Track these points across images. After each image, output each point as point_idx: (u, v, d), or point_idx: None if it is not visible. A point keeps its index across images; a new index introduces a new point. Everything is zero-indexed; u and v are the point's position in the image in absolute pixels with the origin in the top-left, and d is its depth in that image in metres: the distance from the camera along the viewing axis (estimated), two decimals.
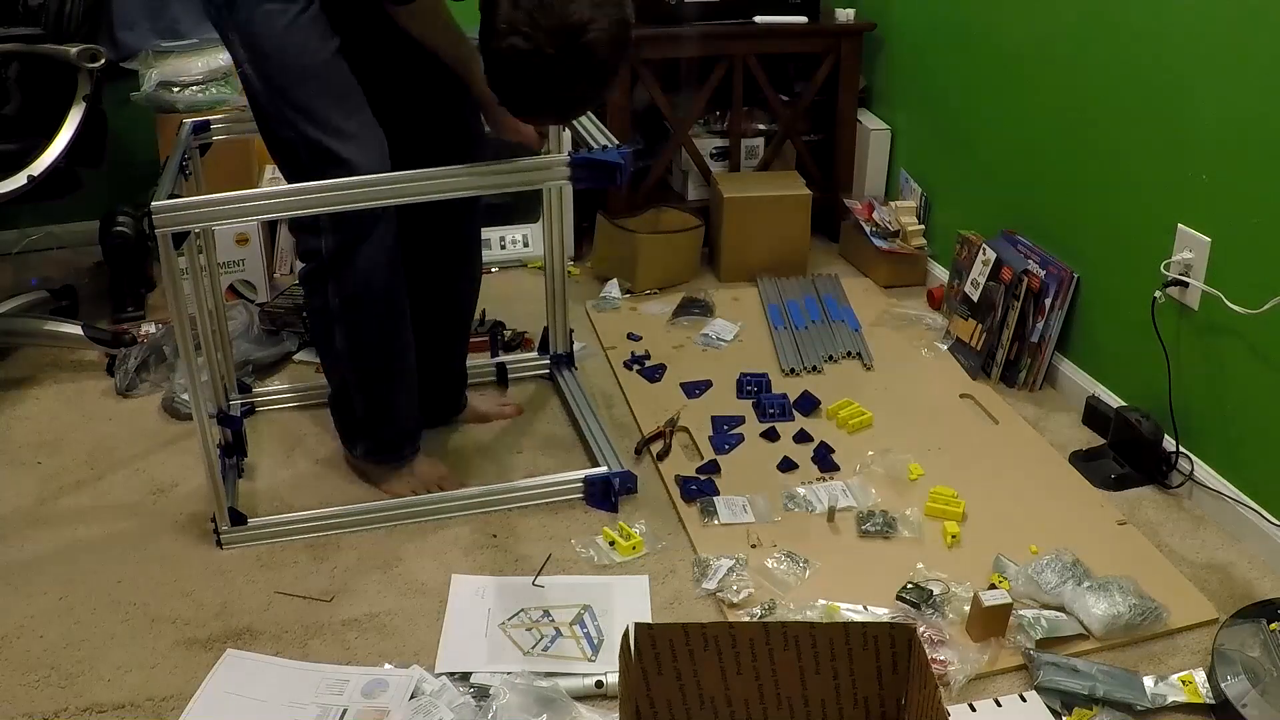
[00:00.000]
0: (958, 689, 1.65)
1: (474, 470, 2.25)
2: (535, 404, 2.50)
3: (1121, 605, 1.76)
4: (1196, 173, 2.08)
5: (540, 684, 1.64)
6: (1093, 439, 2.34)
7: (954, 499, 2.08)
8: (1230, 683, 1.61)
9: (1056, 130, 2.49)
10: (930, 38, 3.02)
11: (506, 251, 3.24)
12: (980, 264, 2.65)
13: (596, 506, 2.11)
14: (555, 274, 2.44)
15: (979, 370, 2.58)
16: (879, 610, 1.81)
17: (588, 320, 2.89)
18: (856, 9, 3.22)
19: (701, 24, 3.10)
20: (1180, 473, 2.16)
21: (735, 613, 1.82)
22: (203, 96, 3.03)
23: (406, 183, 1.80)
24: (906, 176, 3.18)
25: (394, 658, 1.74)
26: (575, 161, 1.85)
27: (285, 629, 1.80)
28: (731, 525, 2.05)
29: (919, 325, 2.83)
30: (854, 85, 3.24)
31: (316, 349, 2.23)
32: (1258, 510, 1.99)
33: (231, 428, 2.22)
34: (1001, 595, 1.74)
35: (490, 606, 1.85)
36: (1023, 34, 2.58)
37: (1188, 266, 2.11)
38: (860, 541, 2.01)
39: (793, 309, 2.89)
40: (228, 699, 1.65)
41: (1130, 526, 2.05)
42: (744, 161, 3.31)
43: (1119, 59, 2.26)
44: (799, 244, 3.11)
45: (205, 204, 1.76)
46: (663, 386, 2.56)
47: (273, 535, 2.02)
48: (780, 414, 2.42)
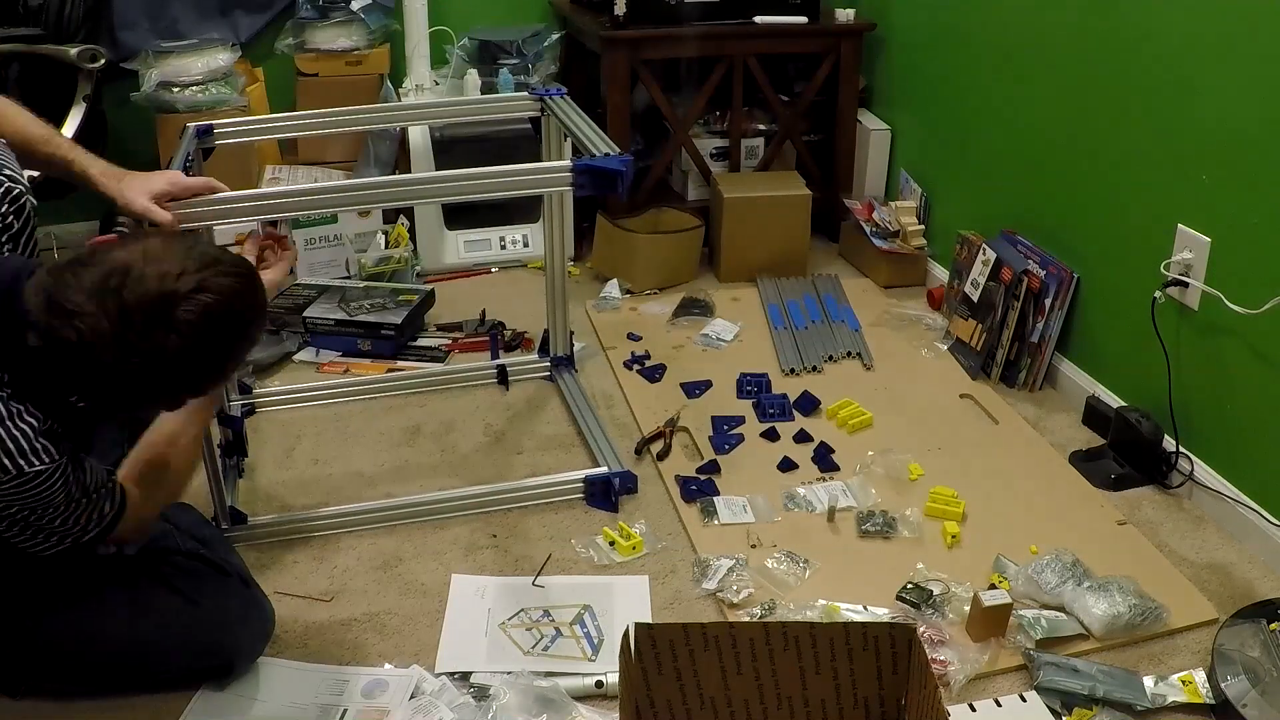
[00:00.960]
0: (958, 689, 1.65)
1: (474, 470, 2.25)
2: (536, 404, 2.50)
3: (1121, 605, 1.76)
4: (1196, 173, 2.08)
5: (540, 684, 1.64)
6: (1093, 439, 2.34)
7: (954, 499, 2.08)
8: (1230, 683, 1.61)
9: (1056, 130, 2.49)
10: (930, 38, 3.02)
11: (506, 251, 3.24)
12: (980, 264, 2.65)
13: (597, 506, 2.11)
14: (555, 275, 2.44)
15: (979, 370, 2.58)
16: (879, 610, 1.81)
17: (588, 320, 2.89)
18: (856, 9, 3.21)
19: (701, 24, 3.10)
20: (1180, 473, 2.15)
21: (735, 613, 1.82)
22: (203, 97, 3.03)
23: (406, 185, 1.81)
24: (906, 176, 3.18)
25: (394, 658, 1.74)
26: (577, 169, 1.85)
27: (285, 629, 1.79)
28: (731, 525, 2.05)
29: (919, 325, 2.83)
30: (854, 85, 3.24)
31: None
32: (1258, 510, 1.98)
33: (231, 427, 2.22)
34: (1001, 595, 1.74)
35: (490, 606, 1.85)
36: (1023, 34, 2.58)
37: (1188, 266, 2.11)
38: (860, 541, 2.01)
39: (793, 309, 2.89)
40: (228, 699, 1.65)
41: (1130, 526, 2.05)
42: (744, 161, 3.31)
43: (1119, 59, 2.26)
44: (799, 244, 3.11)
45: (205, 203, 1.76)
46: (663, 386, 2.56)
47: (273, 535, 2.02)
48: (780, 414, 2.42)
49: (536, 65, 3.33)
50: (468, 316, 2.88)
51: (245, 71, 3.23)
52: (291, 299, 2.81)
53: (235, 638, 1.67)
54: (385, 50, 3.35)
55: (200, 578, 1.68)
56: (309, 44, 3.26)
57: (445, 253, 3.20)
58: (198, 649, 1.64)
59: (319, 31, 3.25)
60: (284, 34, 3.28)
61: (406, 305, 2.78)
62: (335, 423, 2.42)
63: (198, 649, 1.64)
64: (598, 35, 3.06)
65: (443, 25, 3.38)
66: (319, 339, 2.73)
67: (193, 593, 1.64)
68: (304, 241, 3.05)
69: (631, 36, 3.03)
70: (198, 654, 1.64)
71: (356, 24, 3.26)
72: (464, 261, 3.21)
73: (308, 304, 2.78)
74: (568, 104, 2.25)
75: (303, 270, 3.06)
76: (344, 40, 3.26)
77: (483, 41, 3.35)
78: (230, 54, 3.10)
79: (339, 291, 2.85)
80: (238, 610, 1.67)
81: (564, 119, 2.16)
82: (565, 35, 3.44)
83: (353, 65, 3.28)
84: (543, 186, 1.96)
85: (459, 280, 3.16)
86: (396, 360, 2.69)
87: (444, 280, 3.13)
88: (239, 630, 1.67)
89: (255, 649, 1.71)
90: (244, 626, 1.68)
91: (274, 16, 3.36)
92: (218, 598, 1.66)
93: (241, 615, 1.67)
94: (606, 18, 3.07)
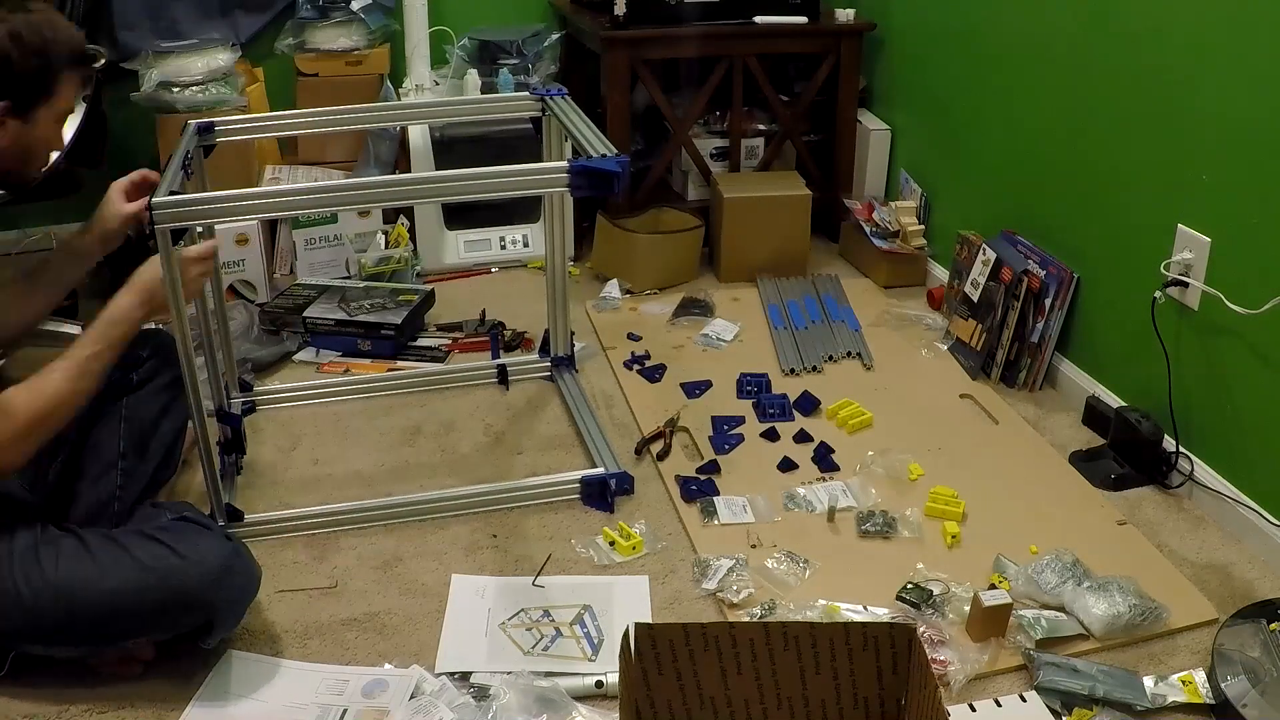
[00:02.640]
0: (958, 689, 1.65)
1: (474, 470, 2.25)
2: (536, 404, 2.50)
3: (1121, 605, 1.76)
4: (1196, 173, 2.08)
5: (540, 684, 1.63)
6: (1093, 439, 2.34)
7: (954, 499, 2.08)
8: (1230, 683, 1.61)
9: (1056, 130, 2.49)
10: (930, 38, 3.02)
11: (506, 251, 3.24)
12: (980, 264, 2.65)
13: (593, 507, 2.11)
14: (556, 276, 2.44)
15: (979, 370, 2.58)
16: (879, 610, 1.81)
17: (588, 320, 2.89)
18: (856, 9, 3.22)
19: (701, 24, 3.10)
20: (1180, 473, 2.15)
21: (735, 613, 1.82)
22: (203, 97, 3.03)
23: (406, 185, 1.80)
24: (906, 176, 3.18)
25: (394, 658, 1.74)
26: (574, 169, 1.85)
27: (285, 629, 1.80)
28: (731, 525, 2.05)
29: (919, 325, 2.83)
30: (854, 85, 3.24)
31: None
32: (1258, 510, 1.98)
33: (231, 425, 2.22)
34: (1001, 595, 1.74)
35: (490, 606, 1.85)
36: (1023, 34, 2.58)
37: (1188, 267, 2.11)
38: (860, 541, 2.01)
39: (793, 309, 2.89)
40: (228, 699, 1.65)
41: (1130, 526, 2.05)
42: (744, 162, 3.31)
43: (1119, 59, 2.26)
44: (799, 244, 3.11)
45: (204, 201, 1.76)
46: (663, 386, 2.56)
47: (271, 533, 2.02)
48: (780, 414, 2.42)
49: (536, 65, 3.33)
50: (468, 316, 2.88)
51: (245, 71, 3.23)
52: (291, 299, 2.81)
53: (219, 588, 1.65)
54: (385, 50, 3.35)
55: (183, 532, 1.67)
56: (309, 44, 3.26)
57: (445, 253, 3.20)
58: (180, 598, 1.62)
59: (319, 31, 3.25)
60: (284, 34, 3.28)
61: (406, 305, 2.78)
62: (335, 422, 2.42)
63: (180, 598, 1.62)
64: (598, 35, 3.06)
65: (443, 25, 3.38)
66: (319, 339, 2.73)
67: (175, 543, 1.64)
68: (304, 241, 3.05)
69: (631, 36, 3.03)
70: (180, 604, 1.62)
71: (356, 24, 3.27)
72: (464, 261, 3.21)
73: (308, 304, 2.78)
74: (568, 104, 2.25)
75: (303, 270, 3.06)
76: (344, 40, 3.26)
77: (483, 41, 3.35)
78: (230, 54, 3.10)
79: (339, 291, 2.85)
80: (221, 560, 1.65)
81: (563, 119, 2.16)
82: (565, 35, 3.44)
83: (353, 65, 3.29)
84: (540, 187, 1.97)
85: (459, 280, 3.16)
86: (396, 360, 2.69)
87: (444, 280, 3.13)
88: (223, 580, 1.65)
89: (239, 605, 1.69)
90: (228, 577, 1.66)
91: (274, 16, 3.36)
92: (200, 547, 1.65)
93: (226, 565, 1.65)
94: (606, 18, 3.07)
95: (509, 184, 1.93)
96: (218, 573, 1.64)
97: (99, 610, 1.60)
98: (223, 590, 1.66)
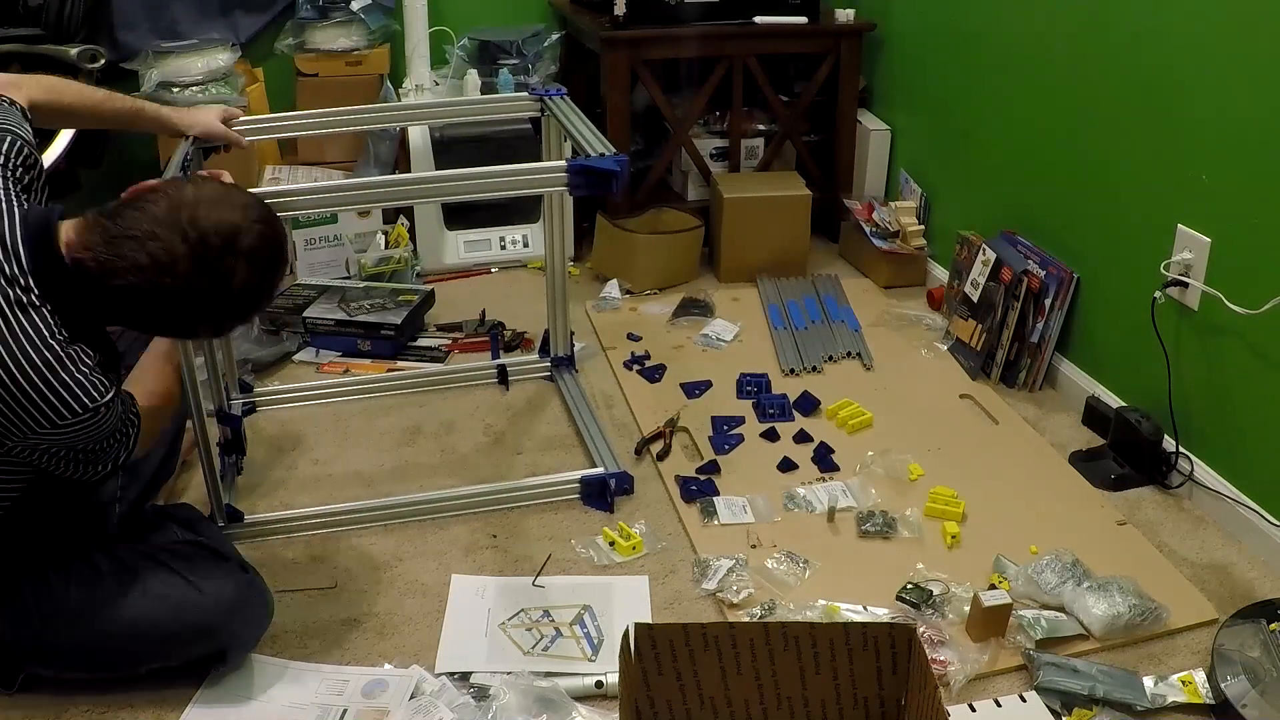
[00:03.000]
0: (958, 689, 1.65)
1: (474, 470, 2.25)
2: (536, 405, 2.50)
3: (1121, 605, 1.76)
4: (1196, 173, 2.08)
5: (540, 684, 1.63)
6: (1093, 439, 2.34)
7: (954, 499, 2.08)
8: (1230, 683, 1.61)
9: (1056, 130, 2.49)
10: (930, 38, 3.02)
11: (506, 252, 3.24)
12: (980, 264, 2.65)
13: (594, 507, 2.11)
14: (556, 276, 2.44)
15: (979, 370, 2.58)
16: (879, 610, 1.80)
17: (588, 320, 2.89)
18: (856, 9, 3.22)
19: (701, 24, 3.10)
20: (1180, 473, 2.15)
21: (735, 613, 1.82)
22: (203, 97, 3.03)
23: (406, 185, 1.80)
24: (906, 176, 3.18)
25: (394, 658, 1.74)
26: (572, 168, 1.85)
27: (284, 629, 1.80)
28: (731, 525, 2.05)
29: (919, 325, 2.83)
30: (854, 85, 3.24)
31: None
32: (1258, 510, 1.98)
33: (231, 426, 2.22)
34: (1001, 595, 1.74)
35: (490, 606, 1.85)
36: (1022, 34, 2.58)
37: (1188, 267, 2.11)
38: (860, 541, 2.01)
39: (793, 309, 2.89)
40: (227, 700, 1.65)
41: (1130, 527, 2.05)
42: (744, 162, 3.31)
43: (1119, 59, 2.26)
44: (799, 244, 3.11)
45: None
46: (663, 386, 2.56)
47: (271, 533, 2.02)
48: (780, 414, 2.42)
49: (536, 65, 3.33)
50: (468, 316, 2.88)
51: (245, 72, 3.23)
52: (291, 299, 2.81)
53: (233, 620, 1.66)
54: (385, 50, 3.35)
55: (198, 561, 1.68)
56: (309, 44, 3.26)
57: (445, 253, 3.20)
58: (195, 631, 1.63)
59: (319, 32, 3.25)
60: (284, 34, 3.28)
61: (406, 305, 2.78)
62: (335, 422, 2.42)
63: (195, 631, 1.63)
64: (598, 35, 3.06)
65: (443, 25, 3.38)
66: (319, 339, 2.73)
67: (190, 574, 1.64)
68: (304, 241, 3.05)
69: (631, 36, 3.03)
70: (195, 636, 1.63)
71: (356, 24, 3.27)
72: (464, 261, 3.21)
73: (308, 304, 2.78)
74: (567, 104, 2.25)
75: (303, 270, 3.06)
76: (344, 40, 3.26)
77: (483, 41, 3.35)
78: (230, 54, 3.11)
79: (339, 292, 2.85)
80: (236, 593, 1.66)
81: (563, 119, 2.16)
82: (565, 35, 3.44)
83: (353, 65, 3.29)
84: (539, 186, 1.97)
85: (459, 280, 3.16)
86: (396, 360, 2.69)
87: (444, 280, 3.13)
88: (237, 613, 1.67)
89: (253, 635, 1.71)
90: (242, 610, 1.67)
91: (274, 16, 3.36)
92: (215, 579, 1.65)
93: (241, 598, 1.67)
94: (606, 18, 3.07)
95: (508, 184, 1.93)
96: (232, 606, 1.65)
97: (111, 640, 1.60)
98: (237, 623, 1.67)
